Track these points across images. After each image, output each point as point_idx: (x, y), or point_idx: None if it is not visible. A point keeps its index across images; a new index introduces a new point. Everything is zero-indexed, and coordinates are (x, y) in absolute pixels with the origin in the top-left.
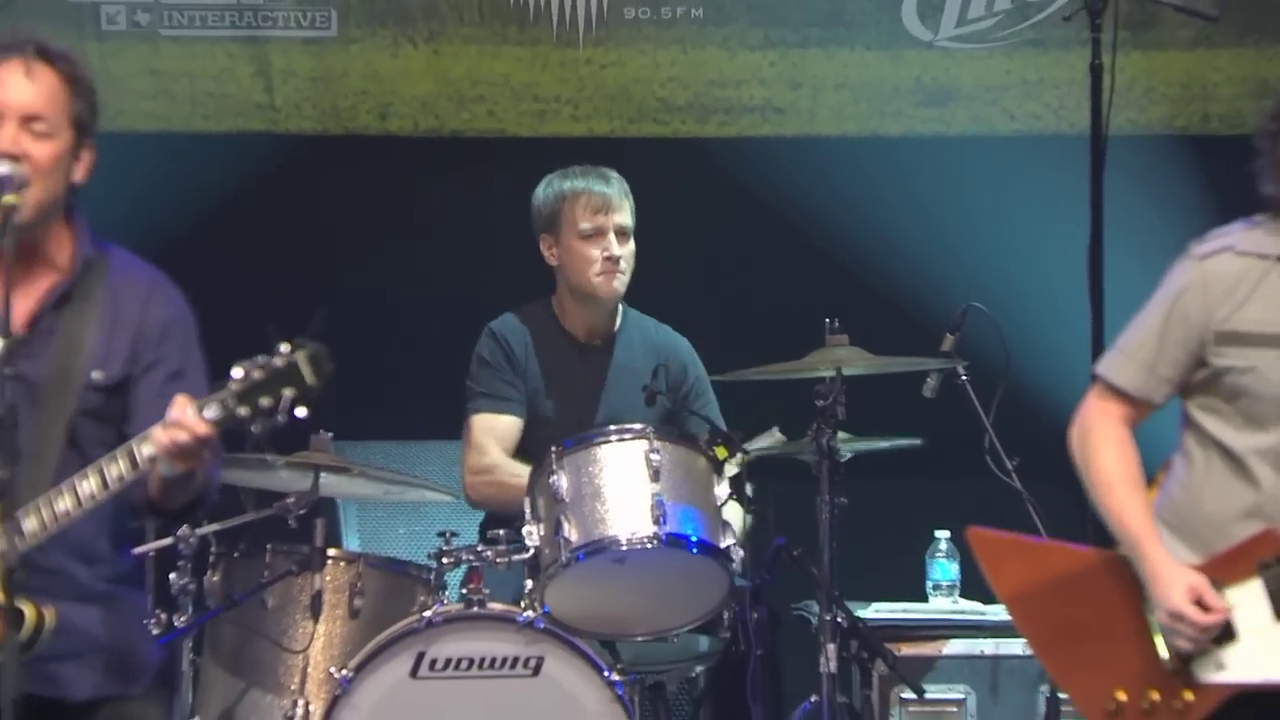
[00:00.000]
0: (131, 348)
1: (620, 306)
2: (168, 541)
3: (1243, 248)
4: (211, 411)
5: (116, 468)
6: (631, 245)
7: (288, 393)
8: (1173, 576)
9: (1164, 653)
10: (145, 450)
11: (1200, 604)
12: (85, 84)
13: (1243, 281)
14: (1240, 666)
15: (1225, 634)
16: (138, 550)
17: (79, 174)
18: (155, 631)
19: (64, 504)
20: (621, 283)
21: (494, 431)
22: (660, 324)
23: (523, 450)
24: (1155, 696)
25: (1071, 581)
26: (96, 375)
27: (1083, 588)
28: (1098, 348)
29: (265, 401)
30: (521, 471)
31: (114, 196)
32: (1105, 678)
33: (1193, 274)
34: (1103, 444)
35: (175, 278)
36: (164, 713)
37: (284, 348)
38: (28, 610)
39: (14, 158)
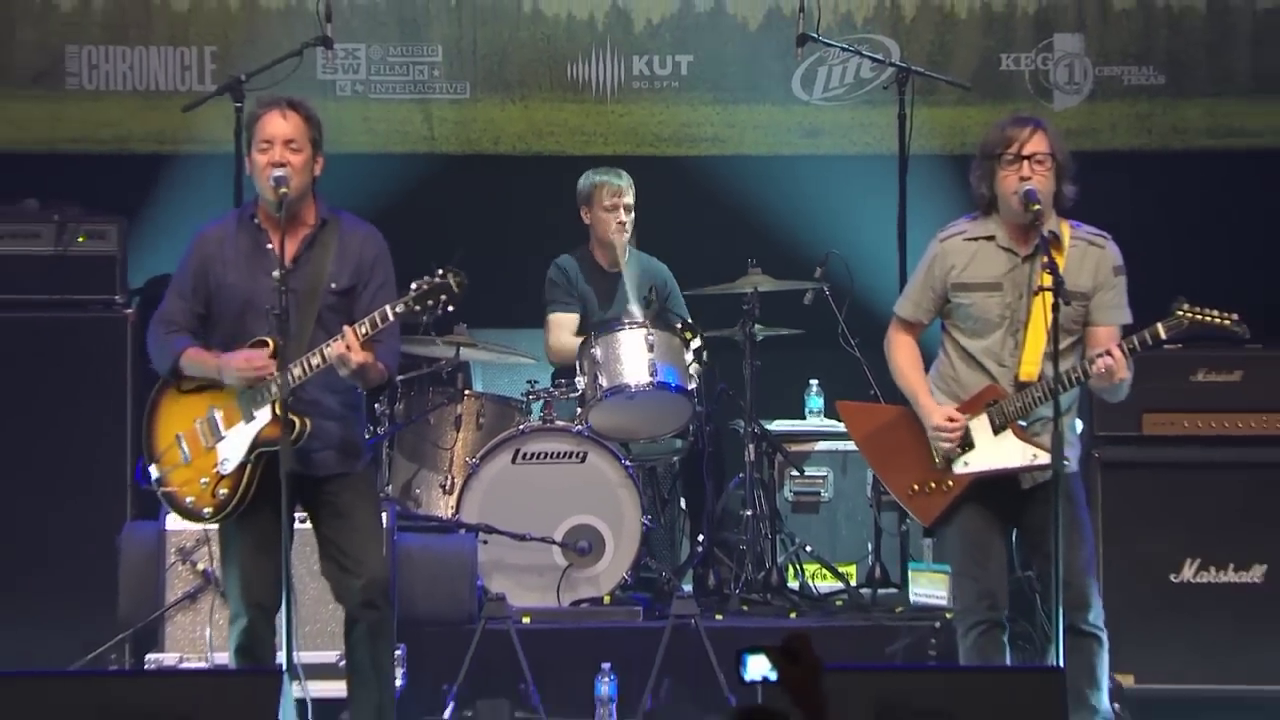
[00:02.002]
0: (354, 270)
1: (628, 247)
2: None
3: (969, 234)
4: (400, 308)
5: (318, 356)
6: (633, 214)
7: (443, 297)
8: (934, 409)
9: (936, 457)
10: (327, 351)
11: (949, 421)
12: (315, 119)
13: (965, 252)
14: (976, 462)
15: (968, 445)
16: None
17: (317, 169)
18: (367, 436)
19: (315, 359)
20: (627, 236)
21: (561, 323)
22: (651, 256)
23: (577, 331)
24: (933, 484)
25: (890, 427)
26: (333, 285)
27: (895, 429)
28: (902, 280)
29: (430, 302)
30: (575, 345)
31: (342, 190)
32: (907, 476)
33: (937, 248)
34: (895, 348)
35: (381, 231)
36: (372, 483)
37: (439, 271)
38: (297, 421)
39: (283, 165)
